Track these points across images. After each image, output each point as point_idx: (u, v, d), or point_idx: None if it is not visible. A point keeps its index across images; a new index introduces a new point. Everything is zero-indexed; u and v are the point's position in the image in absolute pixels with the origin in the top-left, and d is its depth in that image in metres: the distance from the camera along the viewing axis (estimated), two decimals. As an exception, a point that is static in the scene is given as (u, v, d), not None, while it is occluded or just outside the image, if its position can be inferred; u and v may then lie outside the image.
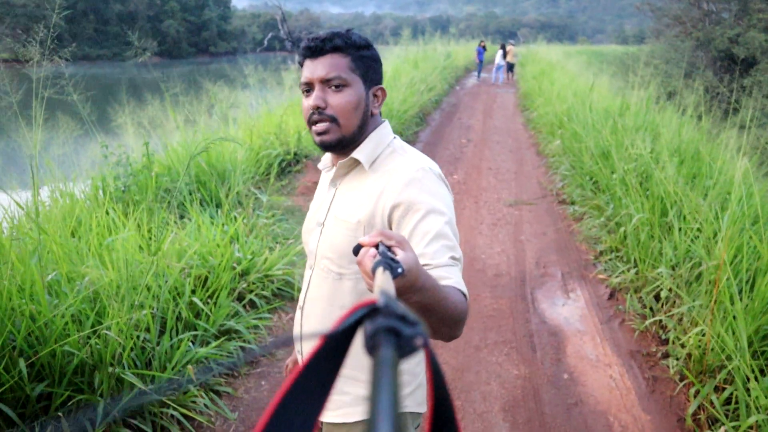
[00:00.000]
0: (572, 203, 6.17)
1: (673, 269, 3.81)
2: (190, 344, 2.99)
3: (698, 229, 3.82)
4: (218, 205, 5.28)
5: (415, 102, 11.00)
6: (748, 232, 3.25)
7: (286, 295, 4.10)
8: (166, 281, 3.22)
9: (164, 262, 3.27)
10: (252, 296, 3.80)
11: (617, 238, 4.72)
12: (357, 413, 1.32)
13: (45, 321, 2.40)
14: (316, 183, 7.33)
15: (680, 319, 3.57)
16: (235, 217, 4.76)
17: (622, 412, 3.04)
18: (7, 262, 2.47)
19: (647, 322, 3.73)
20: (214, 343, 3.13)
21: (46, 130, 4.60)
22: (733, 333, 2.88)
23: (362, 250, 0.84)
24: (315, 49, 1.26)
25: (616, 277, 4.35)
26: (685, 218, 4.00)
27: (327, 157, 1.44)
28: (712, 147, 5.04)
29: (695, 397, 2.96)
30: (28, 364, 2.33)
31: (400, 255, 0.83)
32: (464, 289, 1.11)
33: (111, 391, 2.52)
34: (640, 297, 4.03)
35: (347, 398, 1.32)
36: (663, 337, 3.63)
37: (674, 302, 3.73)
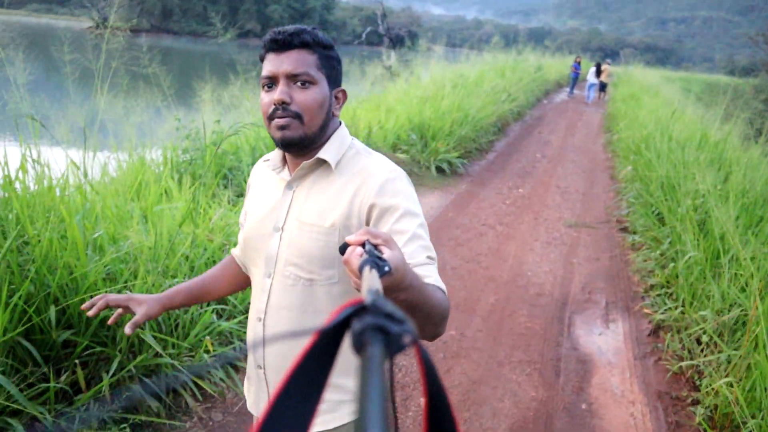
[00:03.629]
0: (634, 232, 5.96)
1: (719, 314, 3.63)
2: (215, 317, 3.11)
3: (751, 276, 3.62)
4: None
5: (493, 111, 10.88)
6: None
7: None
8: (204, 252, 3.36)
9: (204, 235, 3.41)
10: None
11: (668, 273, 4.53)
12: (336, 419, 1.29)
13: (80, 273, 2.56)
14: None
15: (718, 367, 3.40)
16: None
17: (634, 452, 2.94)
18: (52, 213, 2.65)
19: (683, 364, 3.57)
20: (238, 318, 3.24)
21: (127, 98, 4.88)
22: (765, 390, 2.73)
23: (349, 249, 0.84)
24: (282, 43, 1.21)
25: (661, 313, 4.18)
26: (740, 263, 3.80)
27: (276, 158, 1.36)
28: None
29: (712, 449, 2.82)
30: (59, 311, 2.49)
31: (386, 253, 0.83)
32: (444, 287, 1.12)
33: (131, 348, 2.66)
34: (682, 338, 3.86)
35: (324, 405, 1.27)
36: (698, 382, 3.47)
37: (715, 348, 3.56)
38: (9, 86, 3.33)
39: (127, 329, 1.35)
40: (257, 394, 1.37)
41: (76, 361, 2.42)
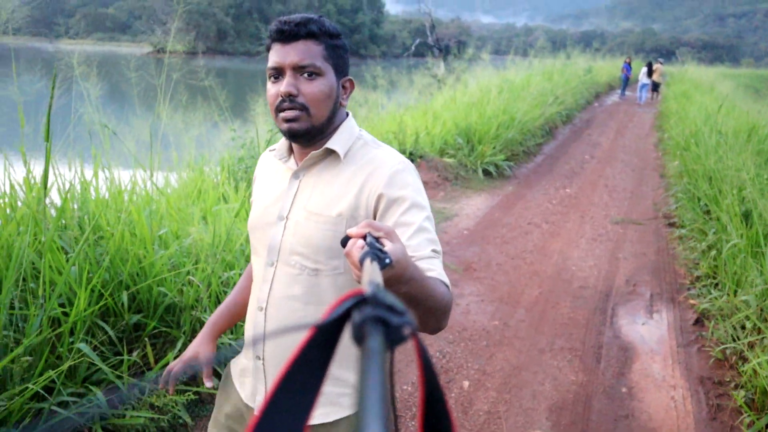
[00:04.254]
0: (681, 226, 5.95)
1: (762, 299, 3.65)
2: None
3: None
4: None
5: (540, 114, 10.93)
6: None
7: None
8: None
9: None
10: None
11: (711, 263, 4.55)
12: (336, 412, 1.27)
13: (148, 263, 2.84)
14: (426, 183, 7.57)
15: (763, 350, 3.43)
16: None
17: None
18: (123, 212, 2.94)
19: (724, 348, 3.61)
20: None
21: (186, 113, 5.22)
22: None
23: (350, 241, 0.85)
24: (288, 33, 1.20)
25: (706, 302, 4.20)
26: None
27: (283, 147, 1.35)
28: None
29: (749, 428, 2.87)
30: (130, 297, 2.77)
31: (388, 246, 0.84)
32: (447, 281, 1.13)
33: (193, 332, 2.92)
34: (726, 326, 3.88)
35: (324, 398, 1.26)
36: (740, 369, 3.51)
37: (758, 334, 3.58)
38: (83, 101, 3.68)
39: (209, 384, 1.45)
40: (254, 385, 1.35)
41: (146, 339, 2.69)
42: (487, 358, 3.57)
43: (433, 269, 1.11)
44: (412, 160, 7.88)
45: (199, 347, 1.49)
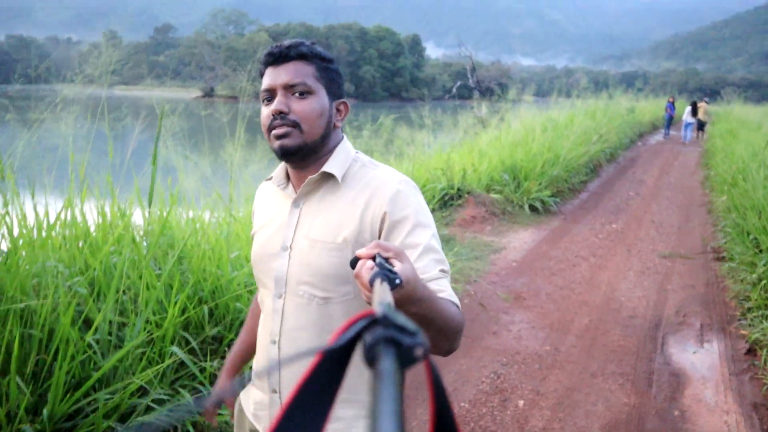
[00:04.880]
0: (731, 260, 5.97)
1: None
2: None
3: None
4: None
5: (584, 152, 11.05)
6: None
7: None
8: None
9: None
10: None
11: (762, 294, 4.59)
12: None
13: (226, 281, 3.10)
14: (474, 217, 7.75)
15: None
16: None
17: (727, 452, 3.07)
18: (203, 235, 3.23)
19: (778, 377, 3.65)
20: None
21: (246, 151, 5.57)
22: None
23: (360, 263, 0.85)
24: (279, 56, 1.22)
25: (757, 332, 4.25)
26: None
27: (280, 174, 1.33)
28: None
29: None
30: (209, 311, 3.02)
31: (397, 266, 0.84)
32: (457, 301, 1.12)
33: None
34: (779, 354, 3.93)
35: (341, 424, 1.22)
36: (795, 394, 3.55)
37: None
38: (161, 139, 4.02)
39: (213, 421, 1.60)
40: (270, 419, 1.31)
41: (225, 350, 2.92)
42: (541, 380, 3.69)
43: (443, 290, 1.11)
44: (460, 196, 8.10)
45: (221, 386, 1.58)
